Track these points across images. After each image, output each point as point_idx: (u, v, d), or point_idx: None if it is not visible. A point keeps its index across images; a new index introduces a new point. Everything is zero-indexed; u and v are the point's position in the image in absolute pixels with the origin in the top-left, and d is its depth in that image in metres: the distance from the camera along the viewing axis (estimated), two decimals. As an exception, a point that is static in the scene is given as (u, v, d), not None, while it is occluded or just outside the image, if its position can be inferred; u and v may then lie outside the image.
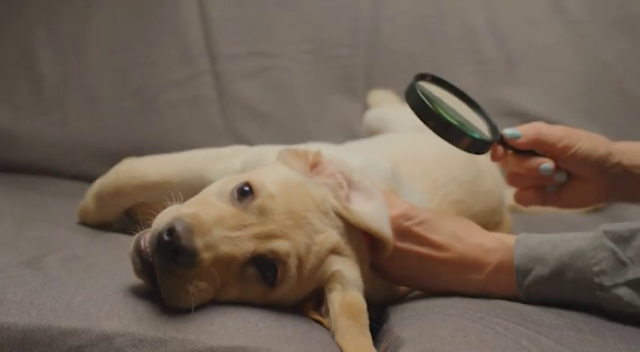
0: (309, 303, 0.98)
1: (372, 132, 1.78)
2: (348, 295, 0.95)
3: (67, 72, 1.99)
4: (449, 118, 1.00)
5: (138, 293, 0.91)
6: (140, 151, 1.90)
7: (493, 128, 1.08)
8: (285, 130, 1.93)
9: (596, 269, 0.98)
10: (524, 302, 1.04)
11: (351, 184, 1.04)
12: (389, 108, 1.87)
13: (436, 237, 1.06)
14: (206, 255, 0.87)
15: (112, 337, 0.84)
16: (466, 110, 1.09)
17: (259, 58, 1.99)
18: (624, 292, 0.96)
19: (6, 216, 1.32)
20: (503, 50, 1.95)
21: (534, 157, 1.08)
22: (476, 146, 1.02)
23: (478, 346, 0.85)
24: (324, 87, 1.97)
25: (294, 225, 0.93)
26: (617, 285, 0.97)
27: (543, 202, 1.15)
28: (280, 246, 0.91)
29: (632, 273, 0.96)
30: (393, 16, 1.99)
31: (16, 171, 1.93)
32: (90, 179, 1.36)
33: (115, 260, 1.07)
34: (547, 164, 1.08)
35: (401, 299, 1.10)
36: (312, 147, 1.10)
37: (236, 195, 0.94)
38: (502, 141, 1.07)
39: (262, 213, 0.92)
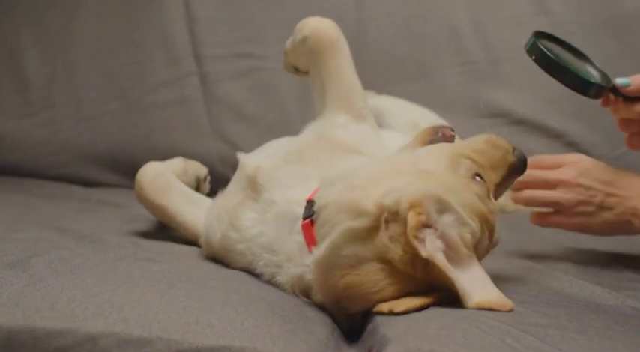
0: None
1: None
2: None
3: (53, 73, 1.99)
4: (572, 68, 1.16)
5: (123, 293, 0.91)
6: (127, 152, 1.91)
7: (605, 77, 1.20)
8: (272, 131, 1.92)
9: None
10: None
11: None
12: (386, 100, 1.79)
13: None
14: None
15: (98, 337, 0.84)
16: (579, 62, 1.23)
17: (245, 59, 1.99)
18: None
19: (-8, 218, 1.31)
20: (488, 51, 1.95)
21: None
22: (592, 91, 1.17)
23: (463, 344, 0.85)
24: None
25: None
26: None
27: None
28: None
29: None
30: (379, 18, 1.99)
31: (2, 172, 1.92)
32: (76, 180, 1.36)
33: (102, 261, 1.07)
34: None
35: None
36: None
37: None
38: (613, 89, 1.18)
39: None
